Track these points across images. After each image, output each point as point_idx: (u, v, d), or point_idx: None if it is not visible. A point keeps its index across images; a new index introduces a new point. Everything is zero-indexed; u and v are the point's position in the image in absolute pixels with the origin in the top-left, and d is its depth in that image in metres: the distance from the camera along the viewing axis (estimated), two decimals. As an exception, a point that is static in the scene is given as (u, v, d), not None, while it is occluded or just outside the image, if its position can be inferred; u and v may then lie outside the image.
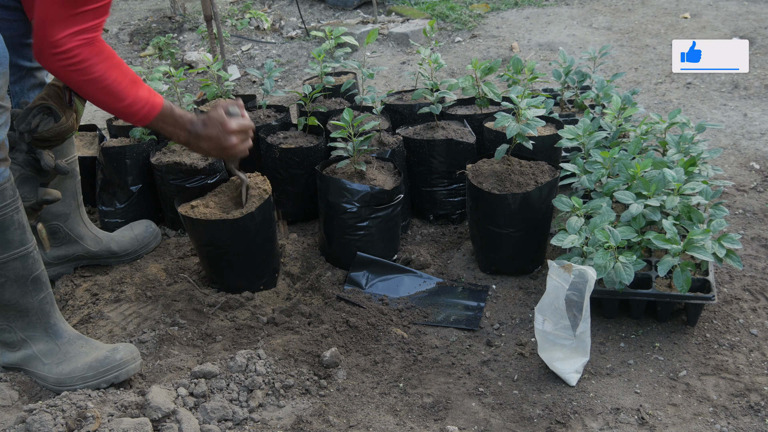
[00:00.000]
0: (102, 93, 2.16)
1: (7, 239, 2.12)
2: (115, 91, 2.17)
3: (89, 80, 2.12)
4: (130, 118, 2.26)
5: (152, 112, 2.28)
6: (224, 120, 2.37)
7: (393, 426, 2.12)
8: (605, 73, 4.66)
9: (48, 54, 2.04)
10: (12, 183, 2.13)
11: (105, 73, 2.13)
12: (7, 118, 2.12)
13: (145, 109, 2.25)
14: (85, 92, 2.17)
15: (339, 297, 2.70)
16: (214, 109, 2.40)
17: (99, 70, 2.12)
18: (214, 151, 2.42)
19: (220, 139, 2.38)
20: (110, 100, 2.19)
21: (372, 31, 3.15)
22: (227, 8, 6.58)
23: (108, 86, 2.15)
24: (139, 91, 2.22)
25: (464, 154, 3.08)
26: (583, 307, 2.19)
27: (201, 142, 2.38)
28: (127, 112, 2.23)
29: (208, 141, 2.38)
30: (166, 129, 2.35)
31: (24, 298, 2.19)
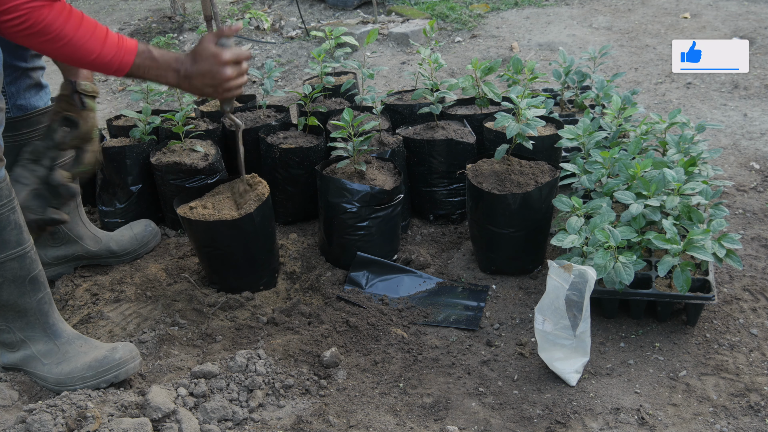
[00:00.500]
0: (67, 50, 2.03)
1: (4, 239, 2.11)
2: (79, 46, 2.04)
3: (47, 40, 2.00)
4: (106, 69, 2.11)
5: (127, 58, 2.12)
6: (216, 51, 2.18)
7: (393, 426, 2.12)
8: (605, 73, 4.66)
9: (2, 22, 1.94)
10: (8, 183, 2.12)
11: (65, 30, 2.01)
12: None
13: (118, 56, 2.10)
14: (47, 51, 2.06)
15: (339, 297, 2.70)
16: (203, 41, 2.22)
17: (55, 29, 2.00)
18: (209, 88, 2.23)
19: (214, 73, 2.19)
20: (78, 56, 2.06)
21: (372, 31, 3.15)
22: (227, 8, 6.58)
23: (69, 42, 2.02)
24: (106, 40, 2.08)
25: (464, 154, 3.08)
26: (583, 307, 2.19)
27: (193, 80, 2.20)
28: (100, 63, 2.09)
29: (201, 77, 2.20)
30: (150, 73, 2.17)
31: (22, 298, 2.19)
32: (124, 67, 2.12)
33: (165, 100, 3.54)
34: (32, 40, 2.01)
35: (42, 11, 1.97)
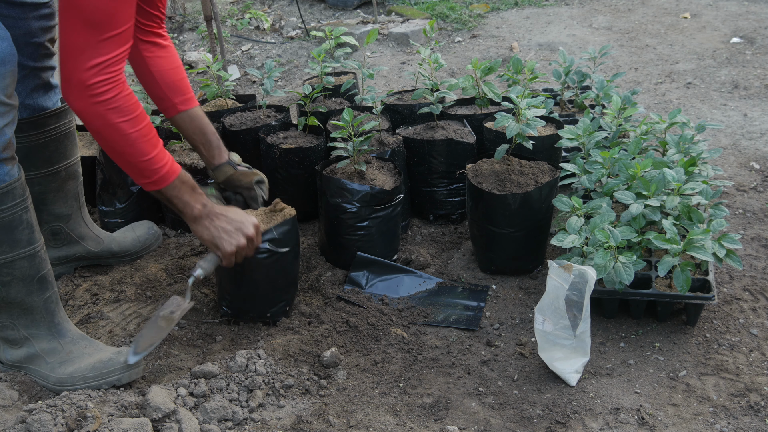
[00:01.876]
0: (126, 141, 2.00)
1: (16, 238, 2.13)
2: (140, 141, 2.01)
3: (115, 125, 1.96)
4: (148, 175, 2.08)
5: (171, 174, 2.12)
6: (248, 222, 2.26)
7: (393, 426, 2.12)
8: (605, 73, 4.66)
9: (80, 86, 1.90)
10: (22, 183, 2.13)
11: (133, 120, 1.99)
12: (13, 117, 2.12)
13: (166, 167, 2.09)
14: (108, 138, 2.00)
15: (339, 297, 2.70)
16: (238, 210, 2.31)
17: (127, 114, 1.97)
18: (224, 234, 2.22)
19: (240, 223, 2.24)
20: (133, 151, 2.02)
21: (372, 31, 3.15)
22: (227, 8, 6.58)
23: (133, 134, 2.00)
24: (159, 150, 2.07)
25: (464, 154, 3.08)
26: (583, 307, 2.19)
27: (217, 220, 2.21)
28: (147, 167, 2.06)
29: (227, 222, 2.22)
30: (182, 197, 2.16)
31: (29, 296, 2.20)
32: (165, 180, 2.11)
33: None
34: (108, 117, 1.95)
35: (124, 84, 1.96)
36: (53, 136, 2.60)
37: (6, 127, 2.08)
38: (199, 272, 2.26)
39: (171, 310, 2.27)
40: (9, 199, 2.09)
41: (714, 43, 5.17)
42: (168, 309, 2.27)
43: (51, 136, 2.59)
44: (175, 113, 2.47)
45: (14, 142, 2.12)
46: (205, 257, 2.29)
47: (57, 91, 2.63)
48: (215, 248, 2.25)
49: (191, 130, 2.49)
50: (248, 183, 2.52)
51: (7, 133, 2.08)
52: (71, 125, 2.67)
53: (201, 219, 2.21)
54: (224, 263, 2.28)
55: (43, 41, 2.47)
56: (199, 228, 2.23)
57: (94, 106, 1.93)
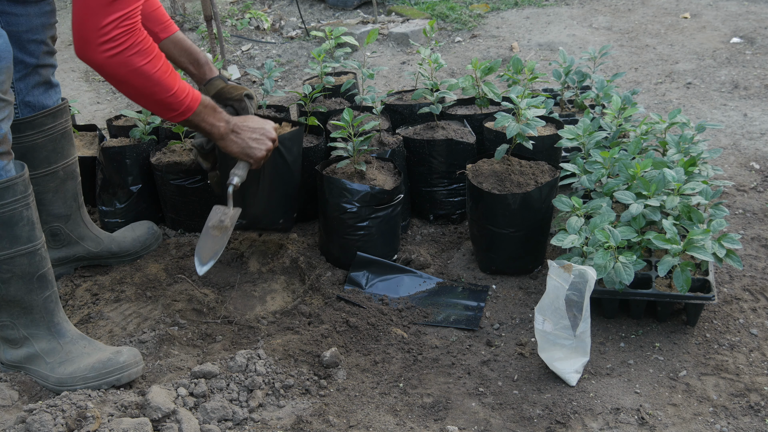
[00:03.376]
0: (151, 82, 2.10)
1: (15, 234, 2.13)
2: (163, 78, 2.12)
3: (136, 69, 2.06)
4: (175, 107, 2.20)
5: (194, 102, 2.24)
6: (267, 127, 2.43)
7: (393, 426, 2.12)
8: (605, 73, 4.66)
9: (96, 45, 1.99)
10: (24, 179, 2.14)
11: (154, 61, 2.09)
12: (9, 112, 2.13)
13: (188, 98, 2.21)
14: (129, 83, 2.10)
15: (339, 297, 2.70)
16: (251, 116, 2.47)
17: (148, 57, 2.07)
18: (253, 143, 2.40)
19: (264, 131, 2.41)
20: (159, 89, 2.13)
21: (372, 31, 3.15)
22: (227, 8, 6.58)
23: (154, 75, 2.10)
24: (179, 82, 2.18)
25: (464, 154, 3.08)
26: (583, 307, 2.19)
27: (242, 132, 2.37)
28: (173, 101, 2.18)
29: (250, 131, 2.38)
30: (206, 120, 2.30)
31: (29, 295, 2.20)
32: (190, 109, 2.24)
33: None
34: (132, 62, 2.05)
35: (139, 34, 2.06)
36: (50, 135, 2.60)
37: (2, 122, 2.09)
38: (237, 180, 2.44)
39: (219, 218, 2.45)
40: (9, 194, 2.10)
41: (714, 43, 5.17)
42: (216, 218, 2.45)
43: (48, 136, 2.59)
44: (158, 42, 2.52)
45: (10, 137, 2.13)
46: (237, 165, 2.46)
47: (57, 89, 2.63)
48: (246, 157, 2.42)
49: (177, 53, 2.57)
50: (238, 95, 2.57)
51: (3, 128, 2.10)
52: (68, 124, 2.68)
53: (228, 134, 2.36)
54: (254, 167, 2.47)
55: (45, 38, 2.48)
56: (227, 143, 2.38)
57: (116, 56, 2.03)
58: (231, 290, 2.83)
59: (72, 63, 5.68)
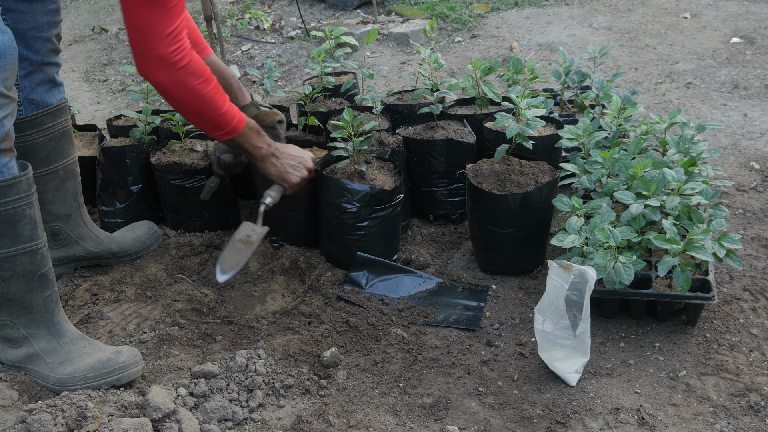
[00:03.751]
0: (203, 101, 2.17)
1: (18, 233, 2.13)
2: (215, 99, 2.20)
3: (193, 87, 2.13)
4: (222, 127, 2.28)
5: (241, 123, 2.32)
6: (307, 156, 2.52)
7: (393, 426, 2.12)
8: (605, 73, 4.66)
9: (158, 60, 2.05)
10: (28, 178, 2.15)
11: (207, 80, 2.16)
12: (13, 109, 2.14)
13: (236, 119, 2.29)
14: (187, 101, 2.17)
15: (339, 297, 2.70)
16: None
17: (201, 76, 2.14)
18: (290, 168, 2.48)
19: (302, 159, 2.50)
20: (209, 109, 2.21)
21: (372, 31, 3.15)
22: (227, 8, 6.58)
23: (208, 93, 2.17)
24: (229, 104, 2.25)
25: (464, 154, 3.08)
26: (583, 307, 2.19)
27: (282, 157, 2.45)
28: (222, 121, 2.25)
29: (291, 159, 2.47)
30: (250, 141, 2.38)
31: (29, 294, 2.20)
32: (237, 130, 2.32)
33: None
34: (187, 81, 2.12)
35: (192, 50, 2.13)
36: (50, 134, 2.60)
37: (5, 118, 2.10)
38: (269, 201, 2.54)
39: (247, 234, 2.51)
40: (12, 192, 2.10)
41: (714, 43, 5.17)
42: (243, 233, 2.51)
43: (48, 135, 2.60)
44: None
45: (13, 135, 2.14)
46: (272, 188, 2.57)
47: (61, 88, 2.64)
48: (282, 181, 2.52)
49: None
50: (271, 122, 2.63)
51: (6, 125, 2.11)
52: (68, 124, 2.68)
53: (268, 157, 2.45)
54: (288, 192, 2.57)
55: (50, 36, 2.48)
56: (267, 165, 2.48)
57: (174, 74, 2.10)
58: (231, 290, 2.83)
59: (72, 63, 5.68)
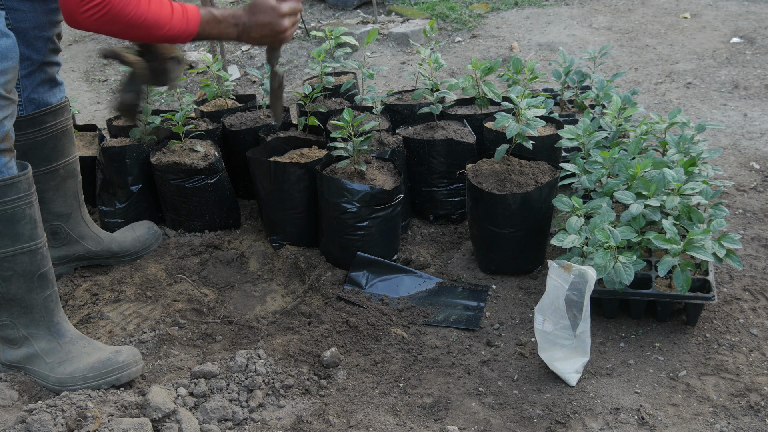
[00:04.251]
0: (142, 30, 2.13)
1: (18, 232, 2.13)
2: (151, 22, 2.13)
3: (127, 23, 2.09)
4: (177, 39, 2.23)
5: (193, 25, 2.24)
6: (275, 4, 2.34)
7: (393, 426, 2.12)
8: (605, 73, 4.66)
9: (79, 14, 2.02)
10: (28, 178, 2.15)
11: (138, 11, 2.10)
12: (13, 111, 2.15)
13: (186, 25, 2.21)
14: (126, 35, 2.14)
15: (339, 297, 2.70)
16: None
17: (131, 11, 2.08)
18: (267, 39, 2.39)
19: (273, 24, 2.35)
20: (152, 33, 2.15)
21: (372, 31, 3.15)
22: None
23: (145, 20, 2.11)
24: (173, 11, 2.19)
25: (464, 154, 3.08)
26: (583, 307, 2.19)
27: (252, 31, 2.34)
28: (172, 35, 2.20)
29: (260, 28, 2.35)
30: (213, 32, 2.31)
31: (29, 294, 2.20)
32: (191, 34, 2.23)
33: (165, 100, 3.54)
34: (109, 27, 2.07)
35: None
36: (51, 133, 2.61)
37: (5, 119, 2.11)
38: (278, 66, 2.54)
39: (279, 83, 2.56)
40: (12, 192, 2.11)
41: (714, 43, 5.17)
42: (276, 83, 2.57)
43: (49, 134, 2.60)
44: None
45: (12, 135, 2.15)
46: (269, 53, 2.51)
47: (62, 88, 2.64)
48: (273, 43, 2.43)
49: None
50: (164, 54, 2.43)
51: (6, 125, 2.12)
52: (68, 123, 2.68)
53: (242, 36, 2.34)
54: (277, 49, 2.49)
55: (51, 35, 2.49)
56: (246, 42, 2.39)
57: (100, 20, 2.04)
58: (231, 290, 2.83)
59: (72, 63, 5.68)
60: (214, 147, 3.21)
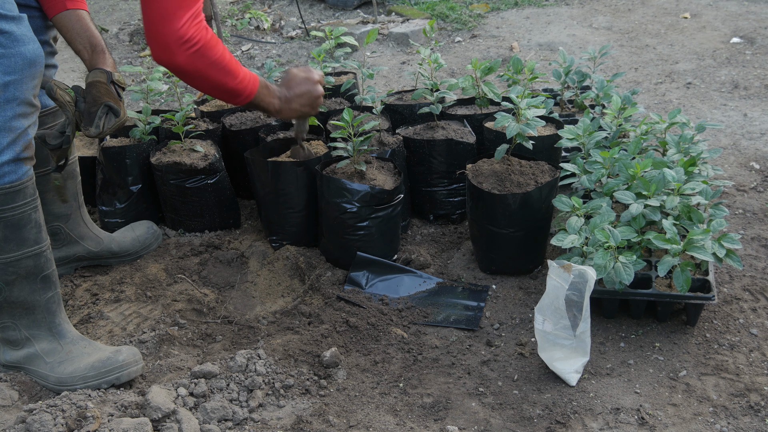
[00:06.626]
0: (221, 73, 2.19)
1: (23, 237, 2.14)
2: (230, 68, 2.21)
3: (212, 63, 2.15)
4: (241, 94, 2.30)
5: (255, 86, 2.33)
6: (307, 74, 2.51)
7: (393, 426, 2.12)
8: (605, 73, 4.66)
9: (176, 47, 2.07)
10: (33, 182, 2.16)
11: (223, 52, 2.18)
12: (36, 118, 2.16)
13: (251, 84, 2.31)
14: (206, 77, 2.18)
15: (339, 297, 2.70)
16: (289, 72, 2.54)
17: (218, 49, 2.16)
18: (306, 107, 2.52)
19: (311, 92, 2.51)
20: (227, 79, 2.22)
21: (372, 31, 3.15)
22: (227, 8, 6.58)
23: (225, 65, 2.19)
24: (241, 67, 2.28)
25: (464, 154, 3.08)
26: (583, 307, 2.19)
27: (293, 102, 2.47)
28: (239, 87, 2.27)
29: (300, 98, 2.49)
30: (264, 101, 2.40)
31: (32, 295, 2.21)
32: (252, 92, 2.34)
33: (165, 100, 3.54)
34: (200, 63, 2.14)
35: (207, 31, 2.14)
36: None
37: (29, 128, 2.13)
38: (304, 135, 2.84)
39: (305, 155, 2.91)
40: (20, 197, 2.11)
41: (714, 43, 5.17)
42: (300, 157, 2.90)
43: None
44: (63, 10, 2.44)
45: (34, 143, 2.16)
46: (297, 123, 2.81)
47: None
48: (304, 117, 2.67)
49: (77, 30, 2.46)
50: (98, 98, 2.35)
51: (30, 134, 2.13)
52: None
53: (282, 109, 2.50)
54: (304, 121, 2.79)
55: (48, 39, 2.49)
56: (285, 115, 2.54)
57: (193, 55, 2.11)
58: (231, 290, 2.83)
59: (72, 63, 5.68)
60: (214, 147, 3.21)
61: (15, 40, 2.02)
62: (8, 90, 2.03)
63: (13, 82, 2.04)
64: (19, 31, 2.04)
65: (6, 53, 2.01)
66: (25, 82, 2.06)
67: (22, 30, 2.05)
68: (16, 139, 2.08)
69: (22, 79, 2.05)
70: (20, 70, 2.04)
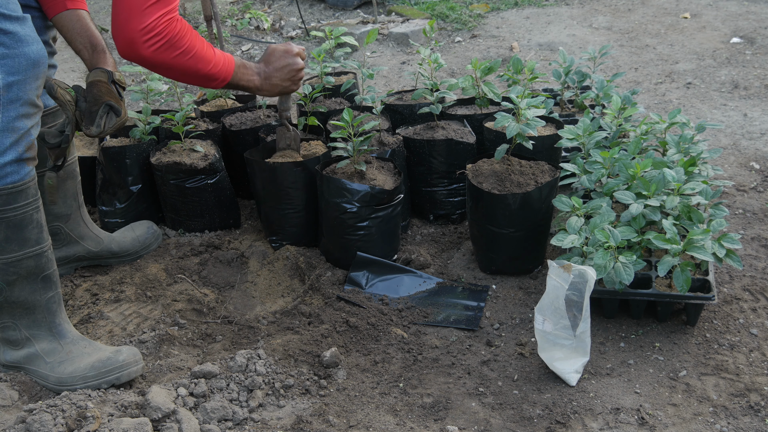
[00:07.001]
0: (192, 61, 2.21)
1: (25, 237, 2.14)
2: (201, 55, 2.22)
3: (181, 52, 2.16)
4: (216, 77, 2.31)
5: (230, 67, 2.34)
6: (286, 47, 2.50)
7: (393, 426, 2.12)
8: (605, 73, 4.66)
9: (140, 43, 2.08)
10: (35, 182, 2.16)
11: (192, 40, 2.19)
12: (39, 119, 2.17)
13: (225, 66, 2.31)
14: (176, 67, 2.20)
15: (339, 297, 2.70)
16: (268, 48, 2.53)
17: (187, 38, 2.17)
18: (287, 81, 2.52)
19: (291, 65, 2.50)
20: (200, 66, 2.24)
21: (372, 31, 3.15)
22: (227, 8, 6.58)
23: (196, 52, 2.20)
24: (214, 51, 2.28)
25: (464, 154, 3.08)
26: (583, 307, 2.19)
27: (273, 78, 2.47)
28: (214, 72, 2.28)
29: (280, 72, 2.49)
30: (243, 80, 2.41)
31: (33, 295, 2.21)
32: (229, 74, 2.35)
33: (165, 100, 3.54)
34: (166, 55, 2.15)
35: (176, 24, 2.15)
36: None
37: (32, 128, 2.13)
38: (287, 113, 2.79)
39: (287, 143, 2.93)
40: (23, 197, 2.11)
41: (714, 43, 5.17)
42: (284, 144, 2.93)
43: None
44: (63, 10, 2.45)
45: (36, 144, 2.15)
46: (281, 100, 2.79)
47: None
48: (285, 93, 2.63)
49: (77, 30, 2.48)
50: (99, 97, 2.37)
51: (33, 134, 2.14)
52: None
53: (263, 86, 2.49)
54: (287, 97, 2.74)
55: (47, 39, 2.49)
56: (265, 92, 2.53)
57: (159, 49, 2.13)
58: (231, 290, 2.83)
59: (72, 63, 5.68)
60: (214, 147, 3.21)
61: (19, 41, 2.02)
62: (12, 90, 2.03)
63: (17, 82, 2.04)
64: (22, 32, 2.04)
65: (10, 54, 2.01)
66: (28, 83, 2.06)
67: (25, 30, 2.05)
68: (19, 140, 2.08)
69: (26, 80, 2.05)
70: (24, 71, 2.04)
